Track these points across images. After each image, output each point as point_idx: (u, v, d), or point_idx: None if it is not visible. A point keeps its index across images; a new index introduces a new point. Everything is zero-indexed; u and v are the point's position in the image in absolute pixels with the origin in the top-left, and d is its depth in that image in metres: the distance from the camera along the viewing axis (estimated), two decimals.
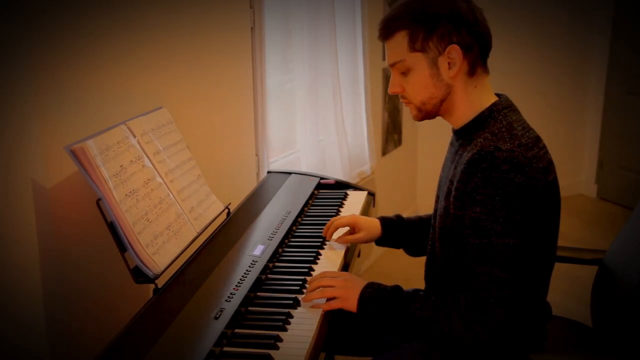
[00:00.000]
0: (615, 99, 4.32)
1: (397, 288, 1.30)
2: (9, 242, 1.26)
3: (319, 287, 1.34)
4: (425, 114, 1.36)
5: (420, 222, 1.68)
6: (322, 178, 2.15)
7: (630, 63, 4.17)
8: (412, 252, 1.71)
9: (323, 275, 1.38)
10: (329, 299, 1.33)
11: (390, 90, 1.37)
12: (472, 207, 1.20)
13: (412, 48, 1.29)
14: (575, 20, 4.30)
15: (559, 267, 1.37)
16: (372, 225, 1.67)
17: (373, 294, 1.29)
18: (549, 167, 1.27)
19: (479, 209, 1.19)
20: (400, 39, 1.30)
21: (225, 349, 1.18)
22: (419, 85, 1.32)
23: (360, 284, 1.32)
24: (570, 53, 4.36)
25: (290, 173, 2.20)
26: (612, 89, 4.33)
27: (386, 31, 1.33)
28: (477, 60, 1.30)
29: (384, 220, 1.68)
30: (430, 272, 1.47)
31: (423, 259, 1.51)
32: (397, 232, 1.68)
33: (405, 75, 1.33)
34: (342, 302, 1.31)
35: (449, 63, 1.29)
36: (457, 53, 1.27)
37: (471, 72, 1.30)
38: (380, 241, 1.70)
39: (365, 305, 1.29)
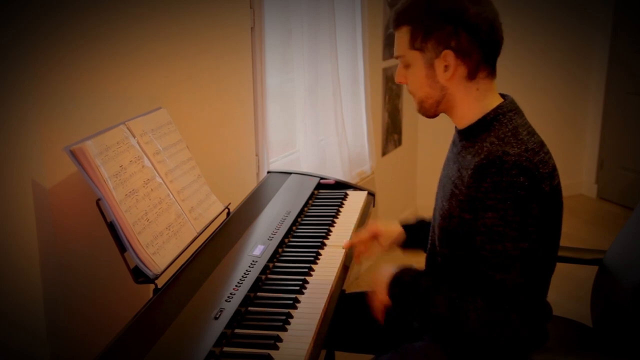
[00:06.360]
0: (615, 99, 4.32)
1: (418, 277, 1.31)
2: (9, 242, 1.26)
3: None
4: (425, 111, 1.36)
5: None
6: (322, 178, 2.15)
7: (631, 63, 4.17)
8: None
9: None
10: None
11: (395, 80, 1.39)
12: (484, 213, 1.19)
13: (412, 46, 1.30)
14: (576, 20, 4.30)
15: (559, 267, 1.37)
16: (395, 234, 1.64)
17: (398, 294, 1.32)
18: (553, 172, 1.27)
19: (492, 214, 1.17)
20: (404, 34, 1.31)
21: (225, 349, 1.18)
22: (416, 82, 1.33)
23: (383, 282, 1.34)
24: (570, 53, 4.36)
25: (290, 173, 2.20)
26: (612, 88, 4.33)
27: (395, 22, 1.33)
28: (478, 65, 1.28)
29: (407, 229, 1.65)
30: (430, 270, 1.47)
31: (423, 257, 1.50)
32: (418, 236, 1.64)
33: (407, 69, 1.34)
34: (383, 299, 1.35)
35: (445, 66, 1.27)
36: (451, 58, 1.26)
37: (471, 76, 1.29)
38: (404, 246, 1.67)
39: (393, 295, 1.33)
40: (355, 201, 2.00)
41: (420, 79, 1.31)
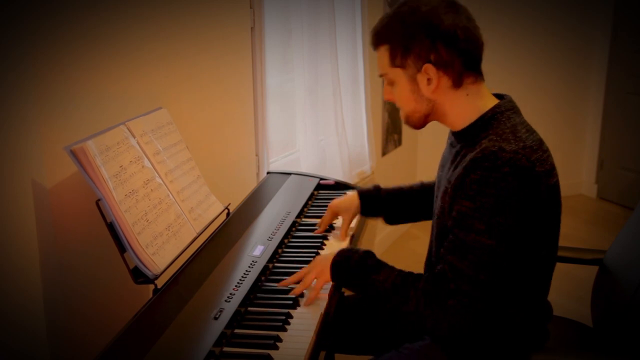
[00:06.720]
0: (615, 99, 4.32)
1: (364, 257, 1.33)
2: (9, 242, 1.26)
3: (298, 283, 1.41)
4: (413, 124, 1.38)
5: (400, 193, 1.74)
6: (321, 179, 2.15)
7: (631, 63, 4.17)
8: (390, 221, 1.78)
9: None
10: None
11: (383, 98, 1.40)
12: (463, 201, 1.20)
13: (393, 64, 1.31)
14: (576, 20, 4.30)
15: (559, 267, 1.37)
16: (351, 203, 1.74)
17: (341, 263, 1.35)
18: (552, 171, 1.26)
19: (469, 203, 1.19)
20: (383, 53, 1.32)
21: (225, 349, 1.18)
22: (402, 99, 1.34)
23: (330, 256, 1.38)
24: (570, 53, 4.36)
25: (290, 174, 2.20)
26: (612, 88, 4.33)
27: (373, 42, 1.35)
28: (461, 73, 1.28)
29: (361, 194, 1.75)
30: (429, 272, 1.47)
31: (423, 259, 1.50)
32: (374, 204, 1.74)
33: (392, 86, 1.35)
34: (321, 279, 1.38)
35: (428, 79, 1.28)
36: (432, 71, 1.26)
37: (457, 85, 1.29)
38: (362, 213, 1.76)
39: (336, 275, 1.36)
40: None
41: (405, 94, 1.33)
